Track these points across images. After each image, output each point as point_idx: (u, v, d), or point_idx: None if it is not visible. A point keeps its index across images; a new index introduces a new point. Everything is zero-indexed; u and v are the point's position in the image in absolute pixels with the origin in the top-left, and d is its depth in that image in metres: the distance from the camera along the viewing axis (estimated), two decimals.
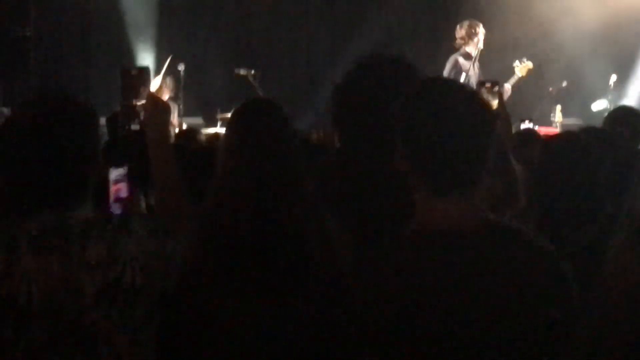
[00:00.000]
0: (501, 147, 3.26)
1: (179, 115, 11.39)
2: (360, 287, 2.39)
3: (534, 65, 10.36)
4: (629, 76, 13.17)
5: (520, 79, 10.29)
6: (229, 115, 11.96)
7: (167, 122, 3.10)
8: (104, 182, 3.16)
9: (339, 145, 3.37)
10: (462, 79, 9.91)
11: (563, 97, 12.37)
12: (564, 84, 12.31)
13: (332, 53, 13.61)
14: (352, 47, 12.93)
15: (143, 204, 3.82)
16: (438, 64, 10.33)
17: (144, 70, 3.07)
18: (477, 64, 10.14)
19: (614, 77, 12.36)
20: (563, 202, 3.46)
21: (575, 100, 12.91)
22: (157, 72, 11.68)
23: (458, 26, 10.37)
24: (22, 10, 12.91)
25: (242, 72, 11.46)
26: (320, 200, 2.92)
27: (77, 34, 13.51)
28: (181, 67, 11.64)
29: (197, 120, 11.80)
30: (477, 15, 12.04)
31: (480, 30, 10.21)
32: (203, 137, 7.33)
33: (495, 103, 3.65)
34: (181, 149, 4.60)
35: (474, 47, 10.18)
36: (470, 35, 10.20)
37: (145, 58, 12.89)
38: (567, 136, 3.97)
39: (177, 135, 7.58)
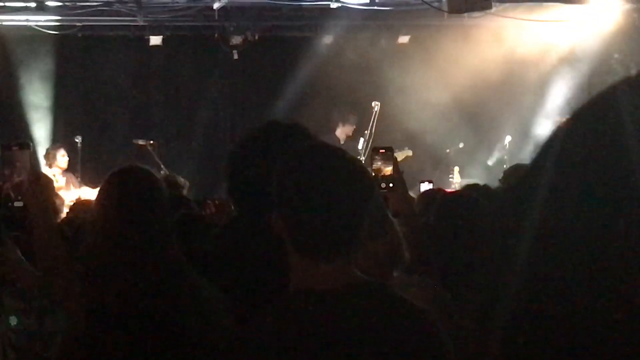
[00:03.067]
0: (381, 207, 3.27)
1: (77, 186, 11.26)
2: (237, 349, 2.36)
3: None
4: (524, 137, 13.51)
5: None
6: None
7: (50, 197, 3.04)
8: None
9: (235, 213, 3.34)
10: None
11: (460, 159, 12.62)
12: (461, 145, 12.57)
13: (232, 121, 13.65)
14: (250, 116, 13.01)
15: None
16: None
17: (24, 145, 3.02)
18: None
19: (508, 138, 12.70)
20: (457, 258, 3.49)
21: (473, 161, 13.18)
22: (53, 145, 11.58)
23: (334, 110, 10.95)
24: None
25: (141, 142, 11.42)
26: (188, 266, 2.93)
27: None
28: (78, 139, 11.55)
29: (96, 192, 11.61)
30: (375, 85, 12.37)
31: (349, 119, 10.89)
32: None
33: (389, 169, 3.68)
34: (72, 221, 4.52)
35: (342, 133, 10.72)
36: (340, 121, 10.74)
37: (41, 132, 12.70)
38: (457, 195, 4.01)
39: (71, 207, 7.39)
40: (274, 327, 2.31)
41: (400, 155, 10.72)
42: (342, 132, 11.14)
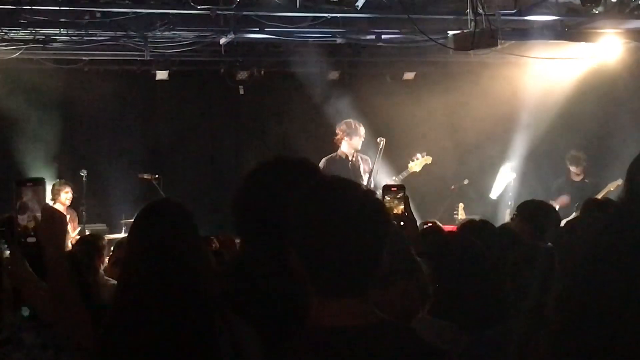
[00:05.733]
0: (407, 248, 3.25)
1: (80, 222, 11.30)
2: None
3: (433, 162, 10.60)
4: (528, 172, 13.52)
5: (412, 174, 10.48)
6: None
7: (63, 234, 3.02)
8: None
9: (240, 248, 3.32)
10: None
11: (465, 195, 12.61)
12: (466, 181, 12.57)
13: (237, 156, 13.68)
14: (256, 151, 13.02)
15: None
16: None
17: (39, 182, 3.00)
18: (359, 163, 10.22)
19: (513, 174, 12.71)
20: (465, 298, 3.47)
21: (477, 197, 13.18)
22: (60, 181, 11.59)
23: (337, 125, 10.52)
24: None
25: (146, 176, 11.44)
26: (225, 300, 2.91)
27: None
28: (83, 173, 11.57)
29: (101, 227, 11.65)
30: (381, 121, 12.36)
31: (356, 130, 10.29)
32: (106, 243, 7.19)
33: (401, 207, 3.66)
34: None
35: (350, 147, 10.26)
36: (346, 134, 10.28)
37: (47, 165, 12.73)
38: (462, 233, 3.99)
39: (79, 241, 7.37)
40: None
41: (419, 164, 10.60)
42: (349, 147, 10.35)
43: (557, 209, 8.36)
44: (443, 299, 3.55)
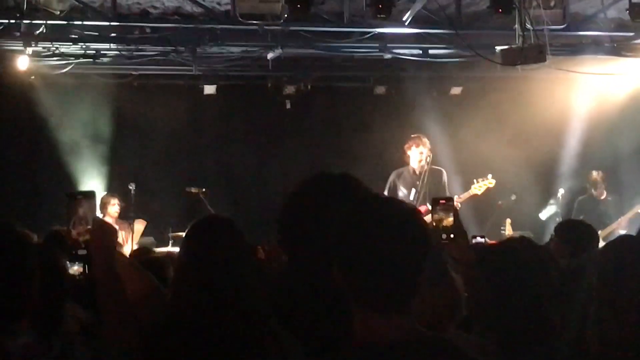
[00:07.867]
0: (440, 261, 3.23)
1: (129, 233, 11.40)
2: None
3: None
4: (577, 190, 13.38)
5: (473, 196, 10.38)
6: (181, 233, 11.73)
7: (113, 246, 3.05)
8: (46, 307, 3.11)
9: (286, 260, 3.34)
10: (412, 195, 9.97)
11: (512, 211, 12.51)
12: (513, 197, 12.47)
13: (283, 170, 13.71)
14: (302, 165, 13.04)
15: None
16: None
17: (90, 195, 3.04)
18: (426, 180, 10.11)
19: (561, 191, 12.60)
20: (508, 314, 3.41)
21: (525, 213, 13.07)
22: (107, 194, 11.73)
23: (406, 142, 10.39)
24: None
25: (193, 189, 11.50)
26: (271, 313, 2.94)
27: (25, 157, 13.39)
28: (132, 187, 11.66)
29: (148, 240, 11.74)
30: (427, 136, 12.30)
31: (418, 148, 10.17)
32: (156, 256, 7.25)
33: (450, 220, 3.63)
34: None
35: (415, 162, 10.14)
36: (409, 150, 10.20)
37: (95, 179, 12.87)
38: (504, 248, 3.93)
39: (131, 255, 7.46)
40: None
41: (479, 187, 10.47)
42: (414, 161, 10.17)
43: None
44: (486, 313, 3.50)
